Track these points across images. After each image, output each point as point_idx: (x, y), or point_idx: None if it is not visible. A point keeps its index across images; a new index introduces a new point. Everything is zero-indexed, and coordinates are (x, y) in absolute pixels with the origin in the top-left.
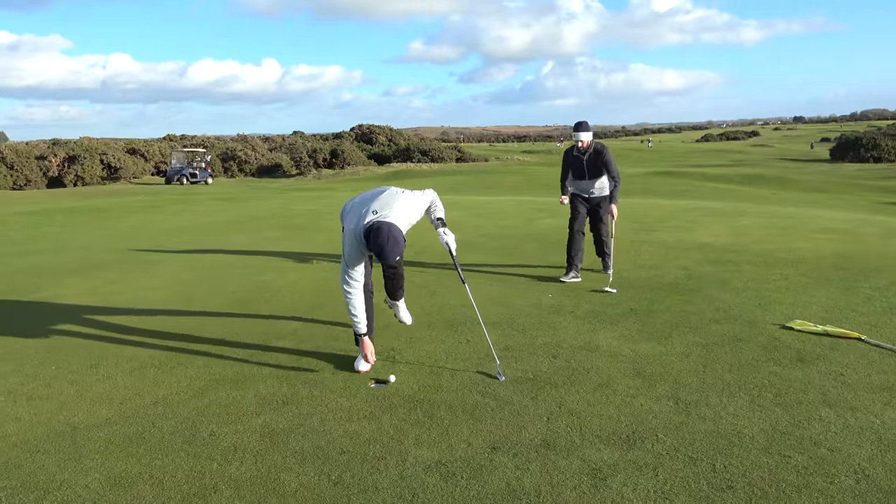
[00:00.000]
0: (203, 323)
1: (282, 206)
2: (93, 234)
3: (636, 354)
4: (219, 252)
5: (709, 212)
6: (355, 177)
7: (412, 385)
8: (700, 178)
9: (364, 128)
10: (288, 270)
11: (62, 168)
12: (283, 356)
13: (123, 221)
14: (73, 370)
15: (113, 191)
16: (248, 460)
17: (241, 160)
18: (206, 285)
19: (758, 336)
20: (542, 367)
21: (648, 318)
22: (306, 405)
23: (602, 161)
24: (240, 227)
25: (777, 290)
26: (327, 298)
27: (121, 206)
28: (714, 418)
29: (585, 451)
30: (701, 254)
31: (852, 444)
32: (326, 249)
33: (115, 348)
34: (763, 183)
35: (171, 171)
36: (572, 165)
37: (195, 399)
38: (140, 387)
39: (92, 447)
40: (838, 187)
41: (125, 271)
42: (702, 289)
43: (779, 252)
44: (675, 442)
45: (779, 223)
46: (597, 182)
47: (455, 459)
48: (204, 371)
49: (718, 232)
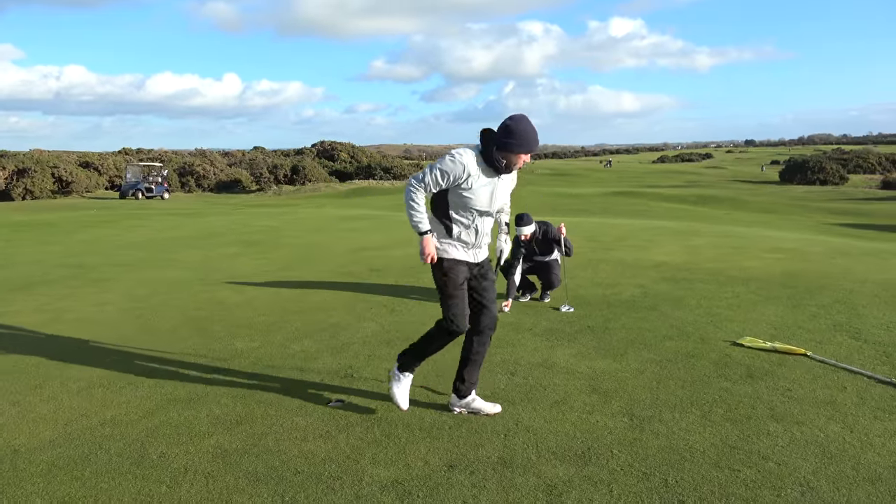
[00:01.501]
0: (155, 341)
1: (240, 222)
2: (41, 250)
3: (592, 371)
4: (173, 268)
5: (664, 231)
6: (316, 193)
7: (369, 403)
8: (656, 199)
9: (326, 144)
10: (245, 287)
11: (10, 181)
12: (237, 375)
13: (74, 236)
14: (15, 391)
15: (64, 205)
16: (198, 482)
17: (199, 175)
18: (159, 302)
19: (710, 353)
20: (499, 384)
21: (605, 336)
22: (261, 425)
23: (551, 238)
24: (196, 244)
25: (728, 308)
26: (285, 315)
27: (72, 221)
28: (667, 434)
29: (542, 467)
30: (656, 272)
31: (798, 457)
32: (286, 265)
33: (62, 367)
34: (716, 203)
35: (126, 185)
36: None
37: (145, 419)
38: (87, 407)
39: (34, 470)
40: (787, 208)
41: (74, 288)
42: (657, 306)
43: (730, 270)
44: (629, 458)
45: (731, 242)
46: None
47: (412, 478)
48: (155, 391)
49: (673, 251)
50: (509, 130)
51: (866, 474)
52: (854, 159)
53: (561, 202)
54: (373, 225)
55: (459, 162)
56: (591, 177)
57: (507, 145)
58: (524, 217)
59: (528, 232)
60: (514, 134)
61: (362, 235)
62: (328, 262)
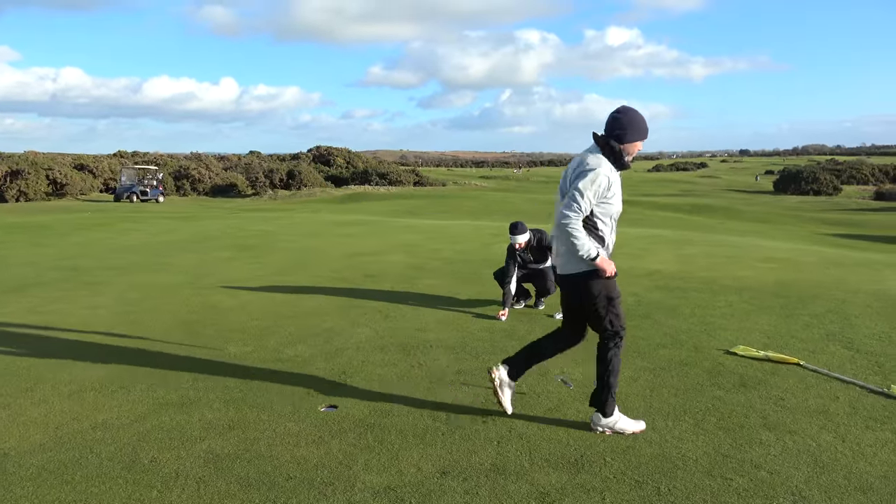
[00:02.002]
0: (148, 345)
1: (235, 227)
2: (35, 252)
3: (586, 378)
4: (167, 272)
5: (658, 240)
6: (311, 198)
7: (363, 409)
8: (651, 207)
9: (322, 149)
10: (239, 291)
11: (4, 183)
12: (230, 379)
13: (68, 239)
14: (6, 393)
15: (58, 207)
16: (189, 487)
17: (194, 179)
18: (152, 306)
19: (703, 361)
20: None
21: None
22: (253, 430)
23: (545, 246)
24: (191, 247)
25: (722, 317)
26: (278, 319)
27: (66, 223)
28: (660, 442)
29: (535, 475)
30: (650, 281)
31: (790, 466)
32: (280, 270)
33: (53, 371)
34: (710, 213)
35: (121, 188)
36: (518, 258)
37: (137, 424)
38: (78, 411)
39: (24, 474)
40: (780, 218)
41: (67, 290)
42: (651, 315)
43: (724, 280)
44: (622, 465)
45: (724, 252)
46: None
47: (404, 484)
48: (147, 395)
49: (667, 259)
50: (624, 123)
51: (858, 484)
52: (847, 170)
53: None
54: (368, 230)
55: (604, 175)
56: None
57: (628, 136)
58: (518, 225)
59: (522, 241)
60: (631, 124)
61: (357, 241)
62: (323, 267)
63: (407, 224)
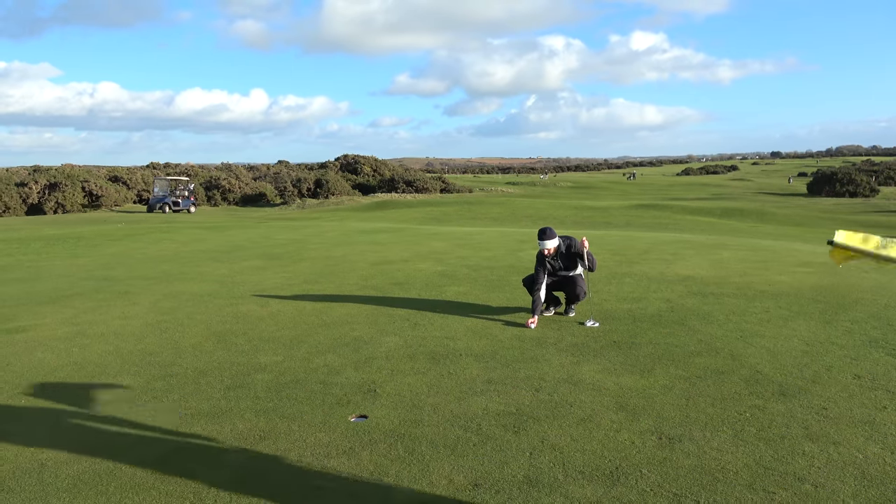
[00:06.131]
0: (180, 355)
1: (264, 236)
2: (70, 263)
3: (619, 387)
4: (198, 282)
5: (689, 244)
6: (339, 206)
7: (393, 419)
8: (681, 212)
9: (349, 158)
10: (269, 300)
11: (42, 195)
12: (261, 390)
13: (103, 250)
14: (42, 404)
15: (93, 218)
16: (221, 499)
17: (224, 189)
18: (183, 316)
19: (740, 369)
20: (524, 400)
21: (631, 351)
22: (284, 441)
23: (574, 253)
24: (221, 257)
25: (758, 323)
26: (308, 329)
27: (100, 235)
28: (698, 453)
29: (569, 487)
30: (682, 286)
31: (836, 479)
32: (309, 279)
33: (87, 380)
34: (742, 216)
35: (154, 199)
36: (547, 264)
37: (170, 434)
38: (112, 422)
39: (60, 485)
40: (815, 221)
41: (102, 301)
42: (684, 321)
43: (759, 285)
44: (658, 478)
45: (758, 256)
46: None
47: (436, 497)
48: (179, 405)
49: (699, 264)
50: None
51: None
52: (885, 171)
53: (584, 215)
54: (395, 238)
55: None
56: (614, 189)
57: None
58: (547, 231)
59: (551, 246)
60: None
61: (385, 249)
62: (350, 276)
63: (434, 231)
